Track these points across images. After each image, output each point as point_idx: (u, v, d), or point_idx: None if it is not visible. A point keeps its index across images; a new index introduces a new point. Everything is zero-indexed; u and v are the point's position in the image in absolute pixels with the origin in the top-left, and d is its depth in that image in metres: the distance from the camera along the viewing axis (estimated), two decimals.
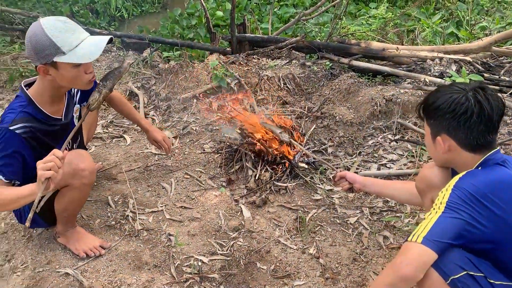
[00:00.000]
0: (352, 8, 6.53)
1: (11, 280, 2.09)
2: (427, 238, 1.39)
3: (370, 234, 2.38)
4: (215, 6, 7.30)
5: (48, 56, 1.77)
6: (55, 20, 1.79)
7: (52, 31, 1.75)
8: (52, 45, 1.75)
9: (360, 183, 2.11)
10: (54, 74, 1.84)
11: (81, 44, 1.81)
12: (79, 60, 1.80)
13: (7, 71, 3.82)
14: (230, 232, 2.40)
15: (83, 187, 2.01)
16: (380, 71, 3.69)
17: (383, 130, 3.16)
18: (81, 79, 1.89)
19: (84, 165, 1.95)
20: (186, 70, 3.70)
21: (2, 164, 1.81)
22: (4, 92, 3.72)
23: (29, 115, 1.89)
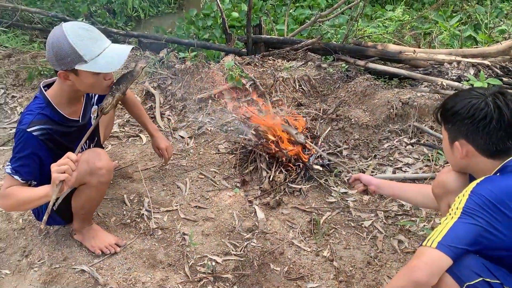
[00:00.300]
0: (368, 10, 6.49)
1: (28, 276, 2.12)
2: (442, 243, 1.38)
3: (385, 238, 2.37)
4: (231, 7, 7.32)
5: (70, 64, 1.78)
6: (78, 27, 1.80)
7: (75, 39, 1.76)
8: (74, 53, 1.76)
9: (375, 185, 2.10)
10: (73, 80, 1.86)
11: (103, 53, 1.82)
12: (100, 69, 1.82)
13: (26, 69, 3.88)
14: (244, 233, 2.40)
15: (100, 185, 2.04)
16: (396, 74, 3.66)
17: (399, 133, 3.14)
18: (100, 85, 1.92)
19: (101, 164, 1.98)
20: (201, 71, 3.72)
21: (19, 165, 1.84)
22: (23, 90, 3.78)
23: (46, 117, 1.91)
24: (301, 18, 6.83)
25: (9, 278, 2.11)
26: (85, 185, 2.03)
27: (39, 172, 1.91)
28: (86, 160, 1.97)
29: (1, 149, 3.07)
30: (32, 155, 1.87)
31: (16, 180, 1.85)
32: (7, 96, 3.70)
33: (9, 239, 2.33)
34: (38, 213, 2.19)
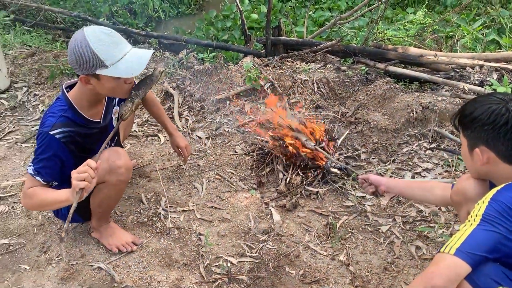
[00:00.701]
0: (389, 12, 6.43)
1: (46, 271, 2.15)
2: (460, 249, 1.35)
3: (402, 244, 2.33)
4: (250, 8, 7.34)
5: (91, 68, 1.79)
6: (100, 31, 1.80)
7: (96, 44, 1.75)
8: (95, 58, 1.76)
9: (384, 185, 2.09)
10: (95, 84, 1.87)
11: (124, 57, 1.82)
12: (121, 74, 1.81)
13: (48, 68, 3.95)
14: (259, 235, 2.40)
15: (119, 183, 2.06)
16: (417, 77, 3.61)
17: (418, 137, 3.09)
18: (121, 89, 1.93)
19: (120, 162, 1.99)
20: (220, 72, 3.73)
21: (40, 167, 1.88)
22: (45, 89, 3.85)
23: (68, 120, 1.93)
24: (320, 20, 6.80)
25: (28, 273, 2.15)
26: (104, 183, 2.05)
27: (60, 173, 1.95)
28: (106, 159, 1.99)
29: (22, 146, 3.13)
30: (54, 157, 1.90)
31: (37, 181, 1.88)
32: (29, 94, 3.77)
33: (29, 235, 2.37)
34: (57, 211, 2.23)
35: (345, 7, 7.12)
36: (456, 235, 1.41)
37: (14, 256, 2.25)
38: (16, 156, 3.01)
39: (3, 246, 2.30)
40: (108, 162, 1.98)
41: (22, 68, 4.06)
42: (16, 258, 2.24)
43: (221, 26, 6.93)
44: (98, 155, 1.87)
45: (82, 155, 2.01)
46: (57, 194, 1.83)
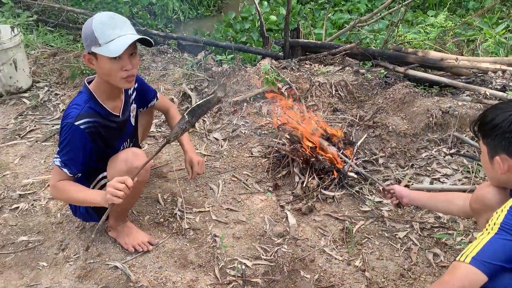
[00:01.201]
0: (409, 15, 6.36)
1: (64, 269, 2.19)
2: (476, 258, 1.33)
3: (420, 250, 2.30)
4: (269, 10, 7.34)
5: (89, 46, 1.86)
6: (105, 14, 1.87)
7: (96, 24, 1.83)
8: (92, 36, 1.83)
9: (407, 197, 2.06)
10: (95, 65, 1.91)
11: (116, 39, 1.83)
12: (107, 53, 1.82)
13: (69, 68, 4.01)
14: (274, 238, 2.39)
15: (137, 184, 2.07)
16: (437, 81, 3.56)
17: (438, 143, 3.04)
18: (116, 74, 1.90)
19: (139, 163, 2.01)
20: (238, 74, 3.74)
21: (67, 159, 1.92)
22: (65, 88, 3.91)
23: (92, 110, 1.98)
24: (339, 23, 6.77)
25: (46, 270, 2.18)
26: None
27: (85, 165, 2.00)
28: (124, 159, 2.01)
29: (43, 145, 3.18)
30: (80, 149, 1.94)
31: (64, 173, 1.94)
32: (50, 94, 3.83)
33: (47, 232, 2.41)
34: (75, 210, 2.25)
35: (365, 10, 7.08)
36: (472, 244, 1.38)
37: (33, 253, 2.29)
38: (37, 155, 3.07)
39: (23, 243, 2.35)
40: (126, 163, 2.01)
41: (44, 68, 4.14)
42: (34, 255, 2.28)
43: (240, 28, 6.96)
44: (135, 174, 1.90)
45: (103, 149, 2.07)
46: (88, 196, 1.92)
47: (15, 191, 2.71)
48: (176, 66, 3.99)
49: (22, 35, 3.80)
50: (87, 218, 2.27)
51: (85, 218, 2.28)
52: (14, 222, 2.49)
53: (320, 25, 6.59)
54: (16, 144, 3.19)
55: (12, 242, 2.35)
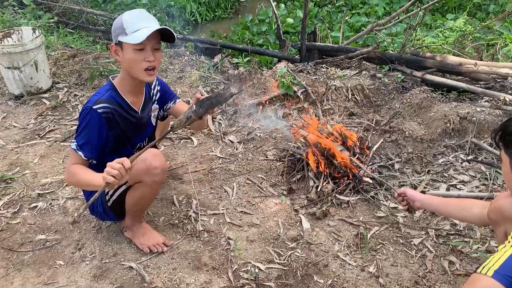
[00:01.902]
0: (428, 19, 6.30)
1: (80, 268, 2.22)
2: (498, 272, 1.30)
3: (435, 258, 2.27)
4: (286, 13, 7.35)
5: (117, 36, 1.95)
6: (135, 10, 1.99)
7: (126, 16, 1.94)
8: (120, 26, 1.92)
9: (419, 201, 2.04)
10: (120, 56, 1.99)
11: (141, 29, 1.91)
12: (132, 40, 1.90)
13: (88, 69, 4.07)
14: (288, 242, 2.39)
15: (154, 184, 2.11)
16: (455, 86, 3.52)
17: (455, 149, 3.01)
18: (138, 64, 1.96)
19: (157, 164, 2.04)
20: (254, 77, 3.75)
21: (83, 142, 1.98)
22: (84, 89, 3.97)
23: (112, 98, 2.05)
24: (357, 26, 6.74)
25: (62, 269, 2.22)
26: (140, 183, 2.10)
27: (100, 150, 2.05)
28: (143, 159, 2.04)
29: (61, 145, 3.24)
30: (95, 132, 1.99)
31: (79, 156, 1.98)
32: (69, 95, 3.90)
33: (65, 232, 2.45)
34: (92, 209, 2.29)
35: (382, 13, 7.03)
36: (494, 256, 1.36)
37: (50, 251, 2.33)
38: (56, 155, 3.12)
39: (41, 241, 2.39)
40: (145, 163, 2.04)
41: (64, 69, 4.21)
42: (52, 253, 2.32)
43: (257, 30, 6.97)
44: (135, 157, 1.91)
45: (118, 139, 2.12)
46: (92, 177, 1.92)
47: (34, 190, 2.76)
48: (193, 69, 4.02)
49: (43, 37, 3.87)
50: (104, 217, 2.31)
51: (102, 217, 2.32)
52: (32, 220, 2.54)
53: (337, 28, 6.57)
54: (36, 144, 3.25)
55: (30, 241, 2.40)
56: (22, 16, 4.97)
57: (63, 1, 5.90)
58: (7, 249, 2.33)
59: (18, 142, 3.27)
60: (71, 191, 2.75)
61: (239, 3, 8.63)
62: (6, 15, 4.79)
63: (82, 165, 2.01)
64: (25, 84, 3.79)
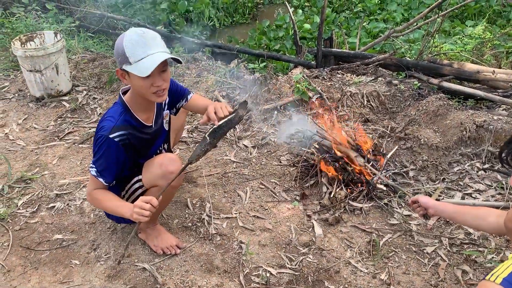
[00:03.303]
0: (447, 25, 6.24)
1: (95, 268, 2.27)
2: (508, 280, 1.29)
3: (448, 267, 2.25)
4: (303, 18, 7.36)
5: (120, 63, 1.92)
6: (134, 32, 1.90)
7: (126, 42, 1.87)
8: (123, 55, 1.88)
9: (433, 208, 2.02)
10: (128, 80, 1.97)
11: (145, 58, 1.87)
12: (137, 72, 1.87)
13: (107, 73, 4.16)
14: (300, 247, 2.40)
15: (170, 188, 2.14)
16: (472, 94, 3.48)
17: (471, 157, 2.98)
18: (147, 90, 1.95)
19: (173, 168, 2.07)
20: (269, 82, 3.78)
21: (103, 169, 2.01)
22: (103, 93, 4.05)
23: (126, 122, 2.04)
24: (374, 32, 6.71)
25: (78, 268, 2.27)
26: (157, 187, 2.13)
27: (119, 173, 2.09)
28: (159, 163, 2.08)
29: (80, 147, 3.31)
30: (114, 161, 2.02)
31: (100, 182, 2.03)
32: (88, 98, 3.98)
33: (81, 232, 2.51)
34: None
35: (400, 19, 6.99)
36: (504, 264, 1.35)
37: (66, 251, 2.38)
38: (74, 156, 3.19)
39: (57, 241, 2.45)
40: (161, 168, 2.07)
41: (84, 73, 4.30)
42: (68, 253, 2.37)
43: (273, 35, 7.00)
44: (160, 193, 2.00)
45: (133, 157, 2.14)
46: (118, 209, 2.01)
47: (52, 190, 2.83)
48: (209, 74, 4.06)
49: (64, 41, 3.97)
50: (120, 219, 2.34)
51: (118, 219, 2.36)
52: (50, 220, 2.60)
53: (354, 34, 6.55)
54: (55, 145, 3.33)
55: (47, 240, 2.45)
56: (45, 20, 5.09)
57: (85, 6, 6.02)
58: (25, 248, 2.39)
59: (38, 144, 3.36)
60: None
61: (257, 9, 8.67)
62: (29, 19, 4.91)
63: (104, 190, 2.07)
64: (46, 86, 3.89)
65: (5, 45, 4.75)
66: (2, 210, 2.64)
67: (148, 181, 2.12)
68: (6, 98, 4.02)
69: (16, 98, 4.01)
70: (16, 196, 2.78)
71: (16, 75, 4.38)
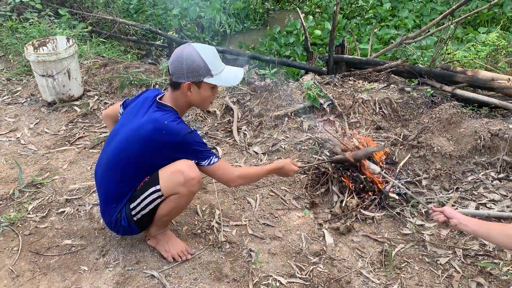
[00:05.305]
0: (459, 32, 6.18)
1: (103, 274, 2.25)
2: None
3: (462, 279, 2.20)
4: (314, 25, 7.35)
5: (200, 76, 2.05)
6: (206, 47, 2.08)
7: (205, 56, 2.03)
8: (205, 68, 2.03)
9: (457, 219, 1.96)
10: (193, 92, 2.10)
11: (224, 70, 2.11)
12: (224, 83, 2.12)
13: (119, 78, 4.17)
14: (310, 256, 2.36)
15: (190, 195, 2.14)
16: (487, 102, 3.43)
17: (485, 166, 2.92)
18: (210, 100, 2.18)
19: (194, 175, 2.08)
20: (280, 88, 3.76)
21: (209, 151, 2.16)
22: (114, 98, 4.06)
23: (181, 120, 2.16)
24: (386, 38, 6.67)
25: (86, 274, 2.26)
26: (176, 194, 2.12)
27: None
28: (180, 170, 2.08)
29: (90, 152, 3.31)
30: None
31: (223, 161, 2.21)
32: (99, 103, 3.99)
33: (90, 238, 2.50)
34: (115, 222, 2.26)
35: (412, 25, 6.94)
36: None
37: (75, 256, 2.37)
38: (84, 161, 3.20)
39: (67, 246, 2.44)
40: (183, 174, 2.07)
41: (95, 78, 4.32)
42: (77, 259, 2.36)
43: (284, 41, 7.00)
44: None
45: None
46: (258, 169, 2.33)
47: (62, 195, 2.83)
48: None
49: (77, 46, 3.99)
50: (127, 230, 2.29)
51: (125, 231, 2.30)
52: (59, 225, 2.59)
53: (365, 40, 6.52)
54: (66, 150, 3.34)
55: (57, 245, 2.45)
56: (58, 26, 5.14)
57: (97, 12, 6.07)
58: (35, 253, 2.39)
59: (49, 148, 3.37)
60: (97, 197, 2.80)
61: (268, 15, 8.69)
62: (42, 25, 4.96)
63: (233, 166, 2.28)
64: (58, 91, 3.91)
65: (19, 50, 4.79)
66: (12, 214, 2.64)
67: (168, 189, 2.11)
68: (19, 102, 4.05)
69: (28, 103, 4.04)
70: (26, 200, 2.78)
71: (28, 79, 4.41)
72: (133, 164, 2.13)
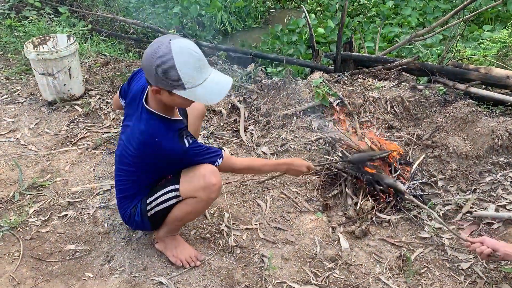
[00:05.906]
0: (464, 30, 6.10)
1: (109, 281, 2.14)
2: None
3: (486, 285, 2.10)
4: (317, 23, 7.26)
5: (169, 86, 1.75)
6: (188, 52, 1.72)
7: (181, 65, 1.70)
8: (176, 79, 1.72)
9: (503, 250, 1.84)
10: (163, 96, 1.82)
11: (203, 83, 1.77)
12: (197, 100, 1.80)
13: (121, 77, 4.06)
14: (326, 262, 2.26)
15: (209, 201, 2.04)
16: (502, 100, 3.33)
17: (503, 166, 2.82)
18: (186, 105, 1.91)
19: (215, 180, 1.98)
20: (288, 87, 3.65)
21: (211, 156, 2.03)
22: None
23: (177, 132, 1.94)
24: (390, 36, 6.60)
25: (91, 281, 2.15)
26: (194, 198, 2.02)
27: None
28: (202, 175, 1.97)
29: (93, 152, 3.20)
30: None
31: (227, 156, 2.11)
32: (101, 102, 3.88)
33: (94, 242, 2.39)
34: (129, 216, 2.18)
35: (416, 23, 6.87)
36: None
37: (79, 262, 2.26)
38: (87, 162, 3.08)
39: (70, 251, 2.33)
40: (204, 179, 1.96)
41: (97, 77, 4.21)
42: (81, 265, 2.25)
43: (287, 40, 6.90)
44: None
45: None
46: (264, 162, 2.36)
47: (64, 198, 2.72)
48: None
49: (77, 44, 3.87)
50: (140, 226, 2.20)
51: (137, 225, 2.20)
52: (62, 229, 2.48)
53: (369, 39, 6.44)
54: (67, 151, 3.22)
55: (59, 250, 2.34)
56: (58, 24, 5.02)
57: (97, 10, 5.95)
58: (36, 259, 2.28)
59: (50, 149, 3.25)
60: (101, 200, 2.69)
61: (269, 13, 8.60)
62: (42, 23, 4.84)
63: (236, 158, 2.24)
64: (59, 90, 3.79)
65: (18, 48, 4.67)
66: (13, 218, 2.52)
67: (186, 191, 2.00)
68: (18, 102, 3.93)
69: (28, 102, 3.92)
70: (27, 203, 2.67)
71: (28, 78, 4.29)
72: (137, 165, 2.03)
